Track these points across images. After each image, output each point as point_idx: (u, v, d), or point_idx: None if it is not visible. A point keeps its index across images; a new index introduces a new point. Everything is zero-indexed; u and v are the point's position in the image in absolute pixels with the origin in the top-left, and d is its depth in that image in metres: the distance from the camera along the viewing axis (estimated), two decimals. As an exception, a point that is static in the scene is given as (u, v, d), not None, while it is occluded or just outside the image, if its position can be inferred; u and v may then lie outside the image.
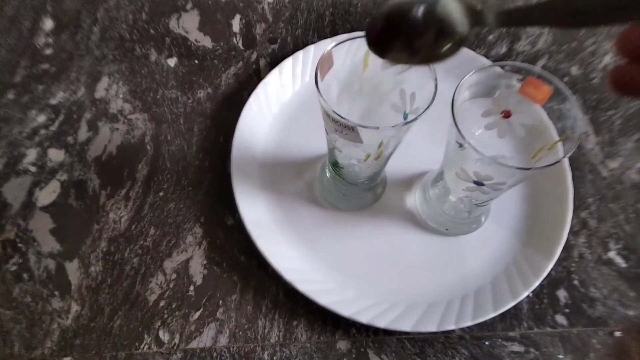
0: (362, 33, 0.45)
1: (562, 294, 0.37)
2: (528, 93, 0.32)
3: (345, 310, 0.35)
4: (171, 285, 0.37)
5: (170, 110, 0.43)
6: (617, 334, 0.36)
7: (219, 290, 0.37)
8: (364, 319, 0.34)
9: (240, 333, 0.35)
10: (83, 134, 0.42)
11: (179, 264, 0.37)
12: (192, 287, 0.37)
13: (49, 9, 0.47)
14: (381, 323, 0.34)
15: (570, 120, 0.30)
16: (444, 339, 0.36)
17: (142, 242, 0.38)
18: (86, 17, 0.47)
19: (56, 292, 0.36)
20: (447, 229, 0.39)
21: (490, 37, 0.48)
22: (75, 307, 0.36)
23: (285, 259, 0.37)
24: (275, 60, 0.45)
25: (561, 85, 0.30)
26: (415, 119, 0.30)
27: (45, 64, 0.45)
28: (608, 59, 0.47)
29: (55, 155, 0.41)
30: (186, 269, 0.37)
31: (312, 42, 0.45)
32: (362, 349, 0.35)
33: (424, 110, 0.30)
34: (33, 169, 0.41)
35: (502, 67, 0.32)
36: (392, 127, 0.32)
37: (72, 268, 0.37)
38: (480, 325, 0.36)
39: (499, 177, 0.31)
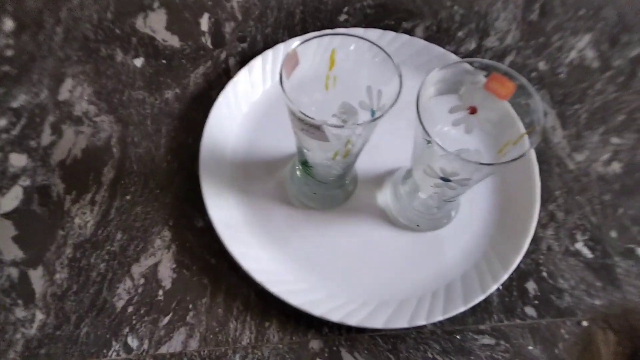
0: (328, 31, 0.45)
1: (531, 286, 0.38)
2: (493, 89, 0.32)
3: (317, 309, 0.34)
4: (139, 291, 0.36)
5: (137, 112, 0.42)
6: (584, 323, 0.37)
7: (189, 294, 0.36)
8: (335, 317, 0.34)
9: (211, 336, 0.35)
10: (46, 137, 0.41)
11: (147, 268, 0.37)
12: (161, 292, 0.36)
13: (9, 8, 0.46)
14: (352, 321, 0.34)
15: (535, 115, 0.31)
16: (416, 334, 0.36)
17: (108, 247, 0.37)
18: (49, 17, 0.46)
19: (19, 301, 0.35)
20: (418, 225, 0.39)
21: (460, 33, 0.48)
22: (40, 316, 0.35)
23: (256, 260, 0.36)
24: (245, 59, 0.45)
25: (524, 80, 0.31)
26: (381, 116, 0.30)
27: (6, 65, 0.43)
28: (574, 54, 0.48)
29: (17, 160, 0.40)
30: (155, 274, 0.37)
31: (282, 41, 0.45)
32: (334, 348, 0.35)
33: (389, 108, 0.30)
34: (-6, 174, 0.39)
35: (471, 63, 0.32)
36: (358, 125, 0.32)
37: (36, 276, 0.36)
38: (451, 320, 0.36)
39: (465, 173, 0.31)
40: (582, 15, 0.49)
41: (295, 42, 0.31)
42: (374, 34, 0.45)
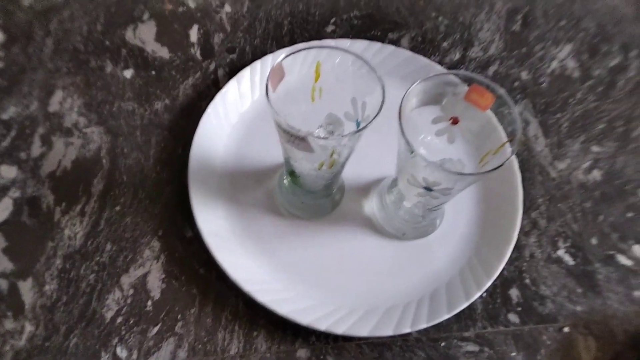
0: (314, 43, 0.46)
1: (514, 293, 0.39)
2: (473, 100, 0.33)
3: (304, 318, 0.35)
4: (128, 301, 0.36)
5: (126, 123, 0.43)
6: (566, 329, 0.38)
7: (178, 304, 0.37)
8: (322, 326, 0.35)
9: (200, 346, 0.35)
10: (36, 149, 0.41)
11: (136, 279, 0.37)
12: (150, 302, 0.36)
13: (-1, 21, 0.46)
14: (339, 330, 0.35)
15: (514, 125, 0.31)
16: (402, 342, 0.36)
17: (98, 258, 0.38)
18: (39, 29, 0.46)
19: (9, 313, 0.36)
20: (403, 234, 0.40)
21: (445, 44, 0.49)
22: (29, 327, 0.35)
23: (244, 269, 0.37)
24: (234, 70, 0.45)
25: (503, 92, 0.32)
26: (364, 127, 0.31)
27: (-4, 78, 0.44)
28: (555, 64, 0.49)
29: (7, 171, 0.40)
30: (144, 284, 0.37)
31: (271, 52, 0.46)
32: (321, 356, 0.36)
33: (373, 119, 0.31)
34: (-16, 186, 0.40)
35: (456, 75, 0.33)
36: (342, 136, 0.33)
37: (26, 287, 0.36)
38: (436, 327, 0.37)
39: (447, 183, 0.32)
40: (563, 26, 0.51)
41: (281, 55, 0.32)
42: (360, 44, 0.46)
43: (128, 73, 0.45)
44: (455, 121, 0.34)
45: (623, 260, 0.41)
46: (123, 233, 0.39)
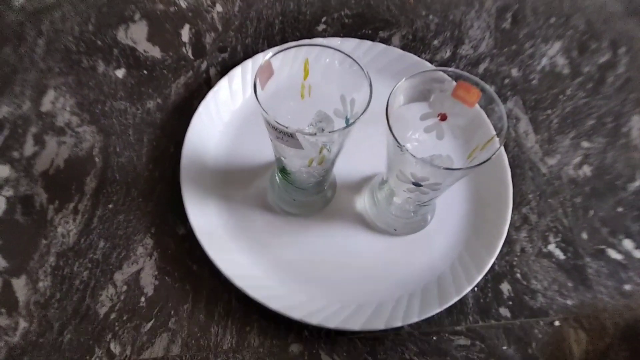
0: (304, 41, 0.46)
1: (505, 287, 0.39)
2: (460, 96, 0.33)
3: (296, 313, 0.35)
4: (122, 298, 0.37)
5: (119, 122, 0.43)
6: (557, 323, 0.38)
7: (171, 300, 0.37)
8: (314, 320, 0.35)
9: (193, 342, 0.36)
10: (29, 148, 0.41)
11: (129, 275, 0.37)
12: (143, 299, 0.37)
13: (-8, 21, 0.47)
14: (331, 324, 0.35)
15: (500, 122, 0.32)
16: (394, 336, 0.37)
17: (91, 256, 0.38)
18: (30, 29, 0.46)
19: (2, 310, 0.36)
20: (395, 230, 0.40)
21: (435, 42, 0.49)
22: (23, 324, 0.35)
23: (237, 266, 0.37)
24: (225, 69, 0.45)
25: (488, 88, 0.32)
26: (352, 123, 0.31)
27: (-11, 78, 0.44)
28: (545, 61, 0.49)
29: (0, 170, 0.40)
30: (137, 281, 0.37)
31: (262, 50, 0.46)
32: (314, 351, 0.36)
33: (360, 115, 0.31)
34: (-23, 185, 0.40)
35: (445, 72, 0.33)
36: (330, 132, 0.33)
37: (20, 284, 0.37)
38: (428, 321, 0.37)
39: (435, 178, 0.32)
40: (553, 24, 0.51)
41: (269, 53, 0.32)
42: (351, 43, 0.46)
43: (120, 73, 0.45)
44: (443, 117, 0.35)
45: (613, 254, 0.41)
46: (116, 230, 0.39)
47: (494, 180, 0.41)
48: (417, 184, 0.33)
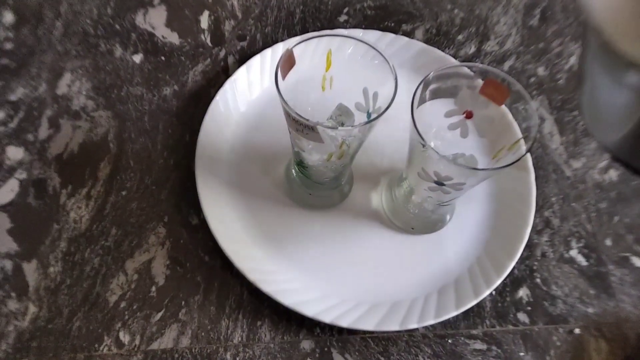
0: (326, 32, 0.45)
1: (524, 292, 0.38)
2: (488, 94, 0.32)
3: (309, 310, 0.34)
4: (132, 286, 0.36)
5: (134, 108, 0.42)
6: (577, 331, 0.37)
7: (182, 291, 0.36)
8: (327, 318, 0.34)
9: (203, 334, 0.35)
10: (44, 131, 0.41)
11: (141, 264, 0.37)
12: (154, 288, 0.36)
13: (10, 2, 0.46)
14: (344, 322, 0.34)
15: (530, 122, 0.31)
16: (408, 337, 0.36)
17: (103, 242, 0.37)
18: (49, 11, 0.46)
19: (13, 294, 0.35)
20: (412, 228, 0.39)
21: (460, 37, 0.48)
22: (32, 309, 0.35)
23: (249, 258, 0.36)
24: (243, 58, 0.45)
25: (520, 86, 0.31)
26: (376, 118, 0.30)
27: (5, 58, 0.43)
28: (573, 60, 0.48)
29: (14, 153, 0.40)
30: (148, 270, 0.37)
31: (282, 40, 0.45)
32: (325, 349, 0.35)
33: (384, 111, 0.30)
34: (-9, 167, 0.39)
35: (470, 68, 0.32)
36: (352, 127, 0.32)
37: (30, 269, 0.36)
38: (443, 324, 0.36)
39: (459, 178, 0.31)
40: (583, 22, 0.49)
41: (292, 43, 0.31)
42: (373, 35, 0.45)
43: (137, 58, 0.45)
44: (469, 115, 0.33)
45: (638, 262, 0.40)
46: (128, 218, 0.38)
47: (516, 182, 0.40)
48: (439, 183, 0.32)
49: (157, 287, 0.36)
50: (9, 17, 0.45)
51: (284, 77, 0.31)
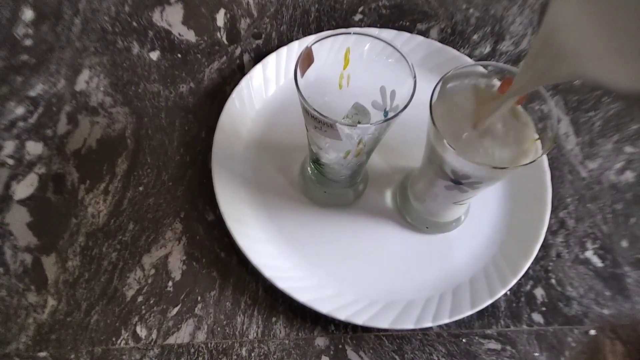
0: (344, 30, 0.45)
1: (539, 292, 0.38)
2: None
3: (324, 307, 0.35)
4: (149, 281, 0.36)
5: (151, 104, 0.43)
6: (592, 332, 0.37)
7: (198, 286, 0.37)
8: (342, 315, 0.34)
9: (219, 329, 0.35)
10: (62, 126, 0.41)
11: (157, 259, 0.37)
12: (170, 283, 0.36)
13: (30, -1, 0.47)
14: (359, 320, 0.34)
15: (548, 121, 0.30)
16: (422, 336, 0.36)
17: (120, 237, 0.38)
18: (67, 8, 0.46)
19: (32, 287, 0.36)
20: (427, 227, 0.39)
21: (475, 36, 0.48)
22: (51, 302, 0.36)
23: (265, 255, 0.37)
24: (259, 56, 0.45)
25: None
26: (394, 116, 0.30)
27: (25, 55, 0.44)
28: (590, 61, 0.47)
29: (34, 147, 0.41)
30: (165, 265, 0.37)
31: (297, 38, 0.45)
32: (340, 346, 0.35)
33: (403, 109, 0.30)
34: (10, 161, 0.40)
35: (484, 67, 0.32)
36: (371, 124, 0.32)
37: (49, 262, 0.37)
38: (457, 323, 0.36)
39: (476, 176, 0.31)
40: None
41: (310, 40, 0.31)
42: (388, 34, 0.45)
43: (154, 55, 0.45)
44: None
45: (653, 264, 0.39)
46: (146, 213, 0.39)
47: (532, 182, 0.40)
48: (456, 182, 0.32)
49: (174, 282, 0.37)
50: (28, 14, 0.46)
51: (302, 74, 0.31)
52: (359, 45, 0.33)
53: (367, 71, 0.33)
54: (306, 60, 0.31)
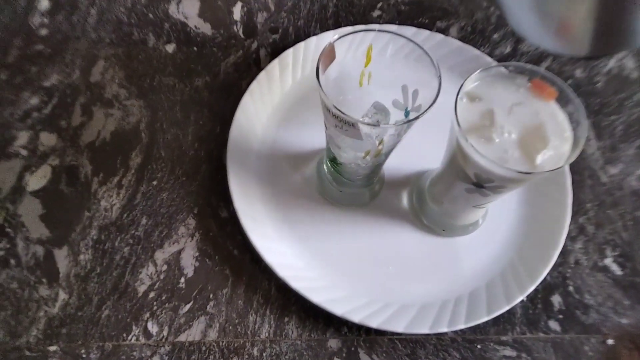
0: (364, 26, 0.44)
1: (556, 299, 0.37)
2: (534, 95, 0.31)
3: (338, 308, 0.34)
4: (161, 277, 0.36)
5: (166, 98, 0.42)
6: (610, 341, 0.36)
7: (210, 284, 0.36)
8: (356, 318, 0.34)
9: (230, 328, 0.35)
10: (76, 118, 0.41)
11: (170, 255, 0.37)
12: (182, 279, 0.36)
13: (45, -12, 0.46)
14: (373, 323, 0.34)
15: (574, 124, 0.30)
16: (436, 340, 0.35)
17: (133, 232, 0.37)
18: (83, -2, 0.46)
19: (44, 280, 0.36)
20: (443, 230, 0.38)
21: (495, 35, 0.47)
22: (62, 295, 0.35)
23: (278, 254, 0.36)
24: (276, 51, 0.44)
25: (566, 87, 0.30)
26: (418, 117, 0.29)
27: (40, 44, 0.44)
28: (613, 63, 0.46)
29: (47, 139, 0.40)
30: (177, 261, 0.37)
31: (314, 34, 0.44)
32: (352, 348, 0.35)
33: (427, 109, 0.29)
34: (24, 152, 0.40)
35: (507, 67, 0.31)
36: (393, 124, 0.32)
37: (61, 255, 0.36)
38: (472, 328, 0.35)
39: (500, 181, 0.30)
40: None
41: (334, 36, 0.30)
42: (407, 31, 0.44)
43: (170, 47, 0.44)
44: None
45: (674, 274, 0.38)
46: (159, 208, 0.38)
47: (552, 187, 0.39)
48: (479, 185, 0.31)
49: (186, 279, 0.36)
50: (44, 3, 0.45)
51: (324, 71, 0.31)
52: (383, 43, 0.32)
53: (389, 69, 0.33)
54: (328, 56, 0.31)
